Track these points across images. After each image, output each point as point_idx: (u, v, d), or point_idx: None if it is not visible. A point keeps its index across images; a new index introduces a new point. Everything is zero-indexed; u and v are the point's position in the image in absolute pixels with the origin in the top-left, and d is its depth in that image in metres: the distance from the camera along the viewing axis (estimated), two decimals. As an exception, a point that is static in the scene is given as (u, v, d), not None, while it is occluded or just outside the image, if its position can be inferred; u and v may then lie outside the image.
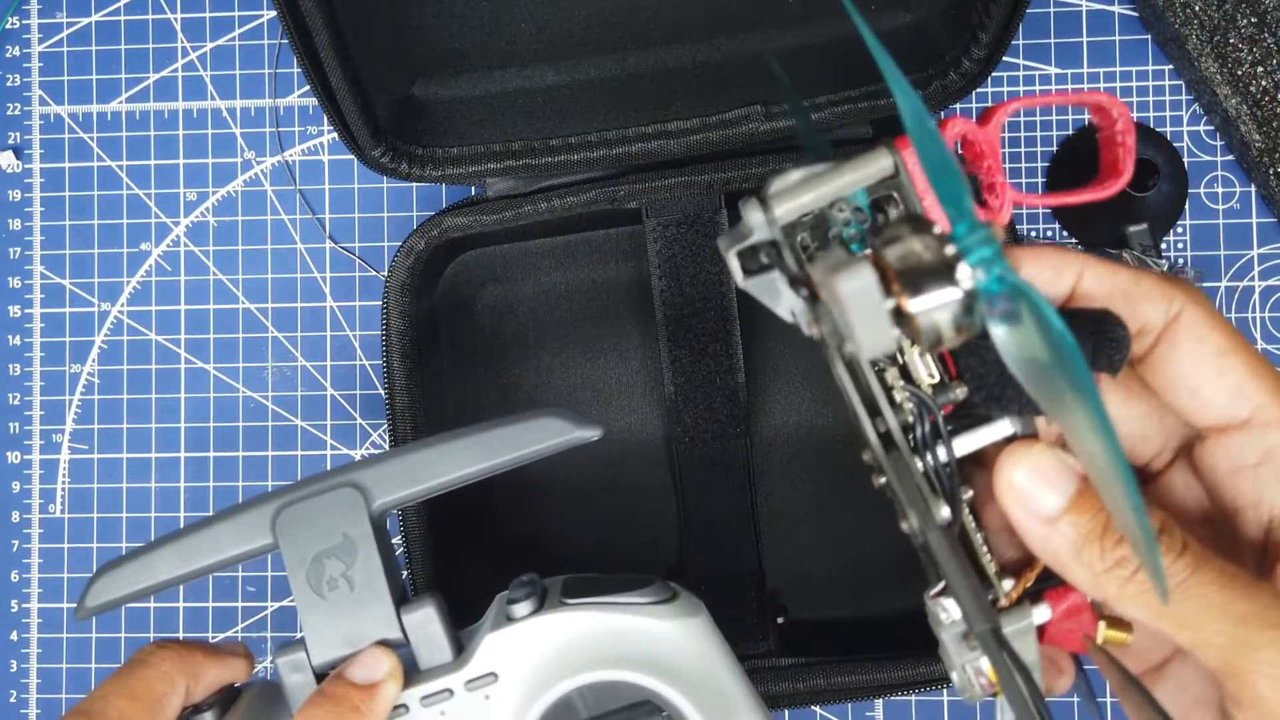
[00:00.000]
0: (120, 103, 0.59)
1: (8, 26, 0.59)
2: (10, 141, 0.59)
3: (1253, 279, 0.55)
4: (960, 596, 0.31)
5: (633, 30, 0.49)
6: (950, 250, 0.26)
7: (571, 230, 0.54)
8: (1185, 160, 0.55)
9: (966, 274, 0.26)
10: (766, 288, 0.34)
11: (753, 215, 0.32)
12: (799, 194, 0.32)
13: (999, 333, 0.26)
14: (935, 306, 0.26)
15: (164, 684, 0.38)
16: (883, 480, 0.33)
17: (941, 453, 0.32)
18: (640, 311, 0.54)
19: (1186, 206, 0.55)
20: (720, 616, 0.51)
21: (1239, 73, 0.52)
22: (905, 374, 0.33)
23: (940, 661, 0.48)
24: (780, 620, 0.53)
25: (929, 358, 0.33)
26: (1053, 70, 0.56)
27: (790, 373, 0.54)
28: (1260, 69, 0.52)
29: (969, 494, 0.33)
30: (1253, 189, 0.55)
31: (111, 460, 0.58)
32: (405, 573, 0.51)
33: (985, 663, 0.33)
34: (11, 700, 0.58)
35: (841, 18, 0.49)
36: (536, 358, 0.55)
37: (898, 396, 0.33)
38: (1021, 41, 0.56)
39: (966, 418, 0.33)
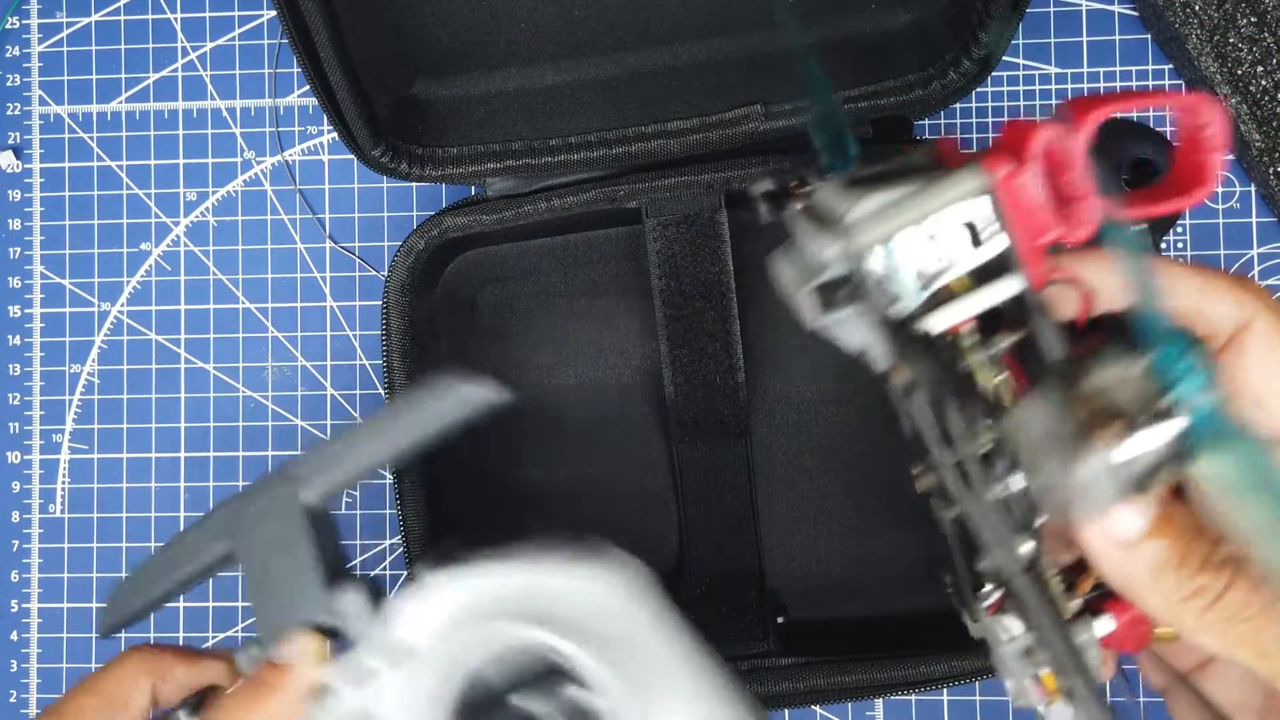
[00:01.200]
0: (120, 102, 0.59)
1: (7, 26, 0.59)
2: (10, 141, 0.59)
3: (1253, 278, 0.55)
4: (1055, 651, 0.30)
5: (633, 30, 0.49)
6: (1155, 384, 0.24)
7: (571, 230, 0.54)
8: (1185, 160, 0.54)
9: (1175, 412, 0.24)
10: (840, 324, 0.32)
11: (830, 248, 0.30)
12: (882, 223, 0.30)
13: (1204, 465, 0.24)
14: (1145, 453, 0.24)
15: (129, 684, 0.40)
16: (953, 513, 0.32)
17: (1014, 482, 0.31)
18: (640, 312, 0.54)
19: (1186, 206, 0.55)
20: (721, 616, 0.51)
21: (1239, 72, 0.52)
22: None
23: (940, 661, 0.48)
24: (780, 620, 0.53)
25: (1003, 385, 0.31)
26: (1053, 70, 0.56)
27: (791, 372, 0.54)
28: (1260, 69, 0.52)
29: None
30: (1252, 188, 0.55)
31: (111, 460, 0.58)
32: (404, 573, 0.51)
33: (1043, 671, 0.33)
34: (11, 700, 0.58)
35: (842, 17, 0.49)
36: (536, 357, 0.55)
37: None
38: (1021, 41, 0.56)
39: None
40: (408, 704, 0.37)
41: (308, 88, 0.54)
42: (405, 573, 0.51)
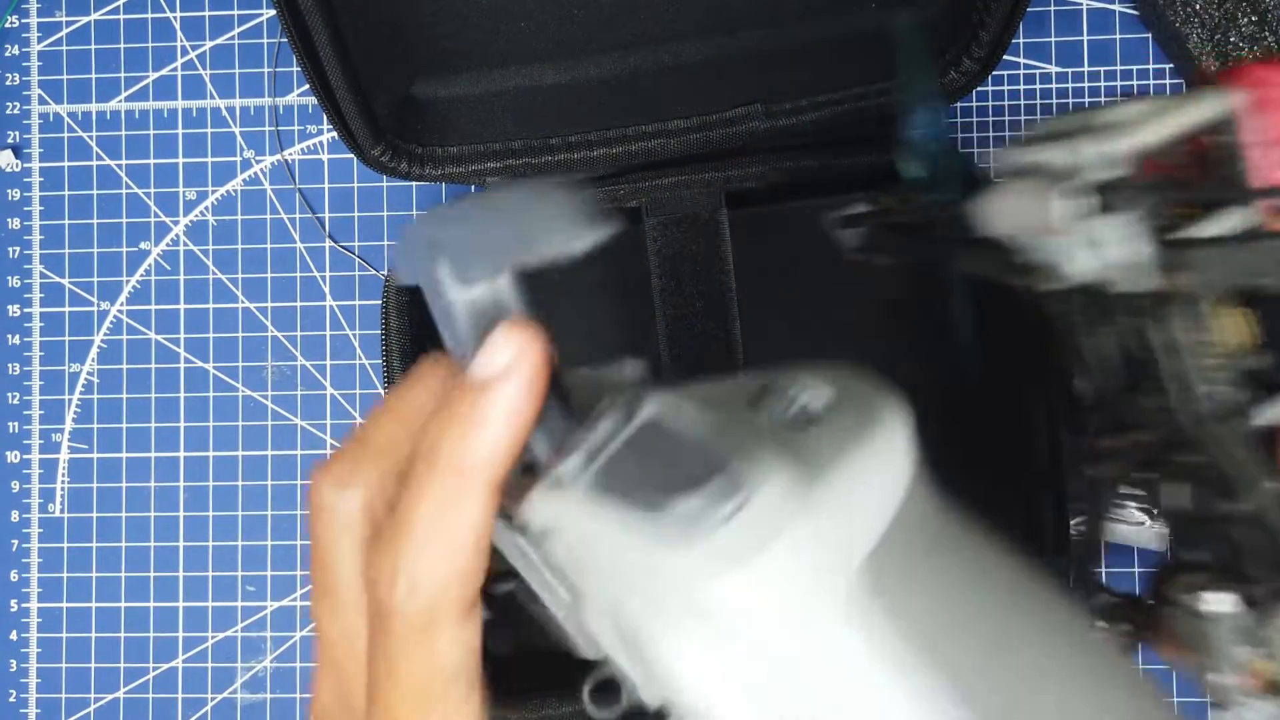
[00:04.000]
0: (119, 101, 0.59)
1: (7, 25, 0.59)
2: (9, 140, 0.59)
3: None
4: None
5: (632, 29, 0.48)
6: None
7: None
8: (1186, 159, 0.54)
9: None
10: (1093, 235, 0.31)
11: (1088, 150, 0.30)
12: (1148, 127, 0.30)
13: None
14: None
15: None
16: (1190, 460, 0.31)
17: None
18: (641, 311, 0.54)
19: (1187, 205, 0.55)
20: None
21: (1240, 71, 0.52)
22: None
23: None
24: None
25: (1245, 323, 0.31)
26: (1053, 69, 0.55)
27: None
28: (1261, 68, 0.52)
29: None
30: (1253, 188, 0.54)
31: (111, 460, 0.58)
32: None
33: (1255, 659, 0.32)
34: (11, 700, 0.58)
35: (843, 16, 0.49)
36: (536, 357, 0.55)
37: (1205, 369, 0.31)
38: (1022, 40, 0.55)
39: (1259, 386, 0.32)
40: None
41: (307, 86, 0.54)
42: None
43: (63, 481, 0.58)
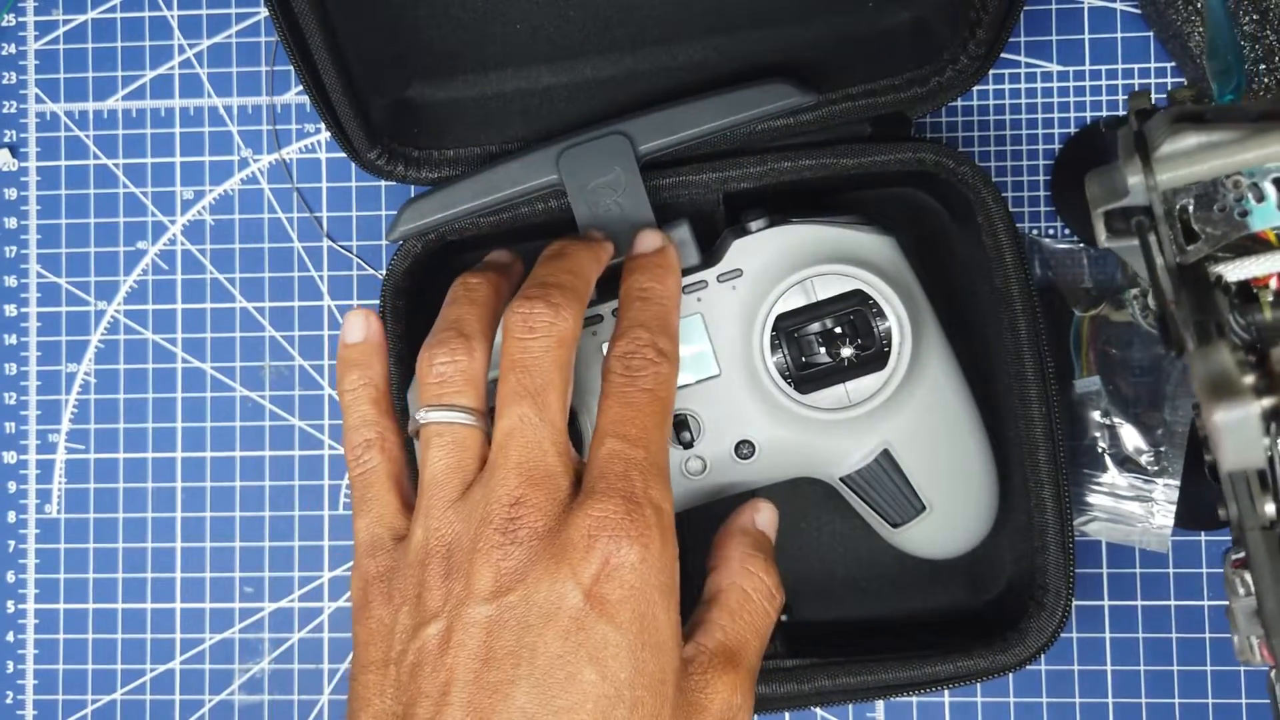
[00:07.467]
0: (116, 100, 0.59)
1: (3, 24, 0.59)
2: (6, 140, 0.59)
3: None
4: (1266, 609, 0.30)
5: (629, 30, 0.48)
6: None
7: (570, 232, 0.53)
8: (1187, 158, 0.54)
9: None
10: (1131, 251, 0.31)
11: (1132, 176, 0.30)
12: (1192, 162, 0.29)
13: None
14: None
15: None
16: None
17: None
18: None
19: (1188, 205, 0.54)
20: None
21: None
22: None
23: (945, 662, 0.48)
24: (784, 619, 0.52)
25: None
26: (1054, 68, 0.55)
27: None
28: (1263, 66, 0.51)
29: None
30: (1255, 187, 0.54)
31: (108, 460, 0.58)
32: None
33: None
34: (8, 701, 0.58)
35: (841, 16, 0.49)
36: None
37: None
38: (1023, 39, 0.55)
39: None
40: (732, 310, 0.46)
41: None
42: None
43: (59, 482, 0.58)
